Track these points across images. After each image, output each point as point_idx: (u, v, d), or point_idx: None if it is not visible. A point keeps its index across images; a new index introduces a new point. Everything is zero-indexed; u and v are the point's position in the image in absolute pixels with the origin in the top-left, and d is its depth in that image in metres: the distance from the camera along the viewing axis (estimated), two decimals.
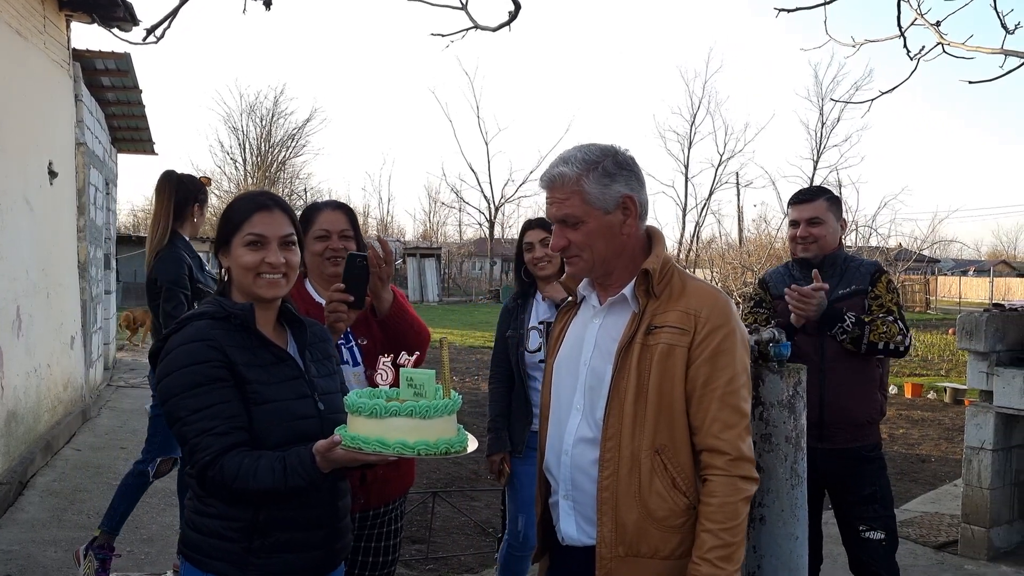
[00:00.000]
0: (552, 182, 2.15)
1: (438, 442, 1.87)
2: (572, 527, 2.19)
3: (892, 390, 12.71)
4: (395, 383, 1.99)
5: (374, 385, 2.01)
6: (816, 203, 3.59)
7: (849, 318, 3.38)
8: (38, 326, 7.04)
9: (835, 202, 3.65)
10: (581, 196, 2.11)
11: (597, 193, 2.11)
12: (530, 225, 3.83)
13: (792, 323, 3.39)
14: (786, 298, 3.38)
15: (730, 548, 1.98)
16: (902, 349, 3.43)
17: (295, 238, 2.16)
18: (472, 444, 1.97)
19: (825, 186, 4.18)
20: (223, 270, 2.16)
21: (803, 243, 3.59)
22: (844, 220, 3.72)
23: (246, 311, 2.07)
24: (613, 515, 2.07)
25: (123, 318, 15.42)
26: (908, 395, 12.89)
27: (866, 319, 3.41)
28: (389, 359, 1.99)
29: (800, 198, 3.65)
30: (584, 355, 2.20)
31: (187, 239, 4.36)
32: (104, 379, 11.19)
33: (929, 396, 12.85)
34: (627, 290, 2.15)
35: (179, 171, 4.46)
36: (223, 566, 1.99)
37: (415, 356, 1.98)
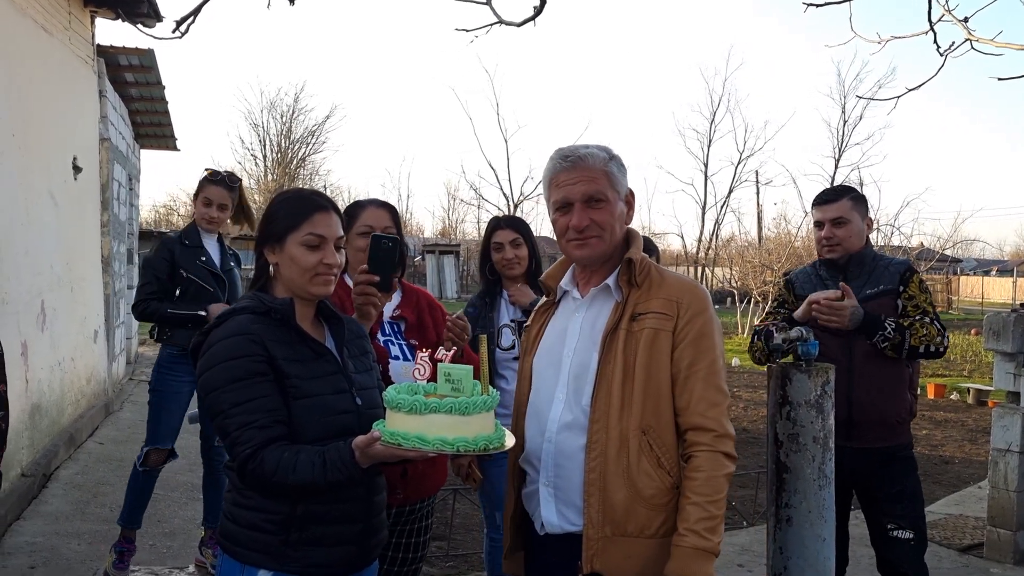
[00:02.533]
0: (581, 160, 2.21)
1: (477, 439, 1.87)
2: (553, 514, 2.20)
3: None
4: (432, 377, 1.99)
5: (412, 380, 2.02)
6: (840, 203, 3.55)
7: (889, 325, 3.33)
8: (62, 320, 7.09)
9: (860, 201, 3.60)
10: (608, 178, 2.22)
11: (619, 178, 2.24)
12: (498, 224, 3.75)
13: (818, 323, 3.33)
14: (814, 312, 3.31)
15: (715, 520, 2.05)
16: (941, 350, 3.40)
17: (344, 239, 2.21)
18: (510, 440, 1.98)
19: (849, 185, 4.13)
20: (271, 266, 2.17)
21: (828, 244, 3.55)
22: (870, 219, 3.67)
23: (286, 306, 2.09)
24: (600, 496, 2.11)
25: None
26: (931, 396, 12.77)
27: (905, 323, 3.36)
28: (427, 354, 1.99)
29: (823, 199, 3.61)
30: (568, 346, 2.25)
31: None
32: (126, 373, 11.27)
33: (952, 397, 12.74)
34: (610, 280, 2.24)
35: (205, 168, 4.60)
36: (260, 558, 2.01)
37: (452, 351, 1.98)
